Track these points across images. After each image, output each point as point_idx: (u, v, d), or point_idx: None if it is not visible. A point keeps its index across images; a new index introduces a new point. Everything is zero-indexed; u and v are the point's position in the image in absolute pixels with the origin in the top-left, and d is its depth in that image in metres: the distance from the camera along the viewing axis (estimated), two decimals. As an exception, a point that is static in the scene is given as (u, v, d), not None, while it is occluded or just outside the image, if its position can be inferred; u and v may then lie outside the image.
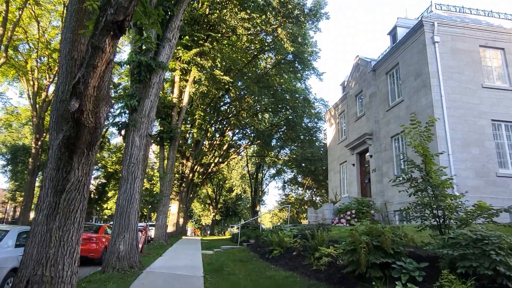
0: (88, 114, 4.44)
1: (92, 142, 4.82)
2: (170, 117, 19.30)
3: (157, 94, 10.21)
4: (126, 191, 9.24)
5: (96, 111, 4.57)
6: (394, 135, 15.60)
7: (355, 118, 19.04)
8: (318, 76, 28.82)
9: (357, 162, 18.65)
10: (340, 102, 21.97)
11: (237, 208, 68.04)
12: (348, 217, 14.40)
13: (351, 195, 18.57)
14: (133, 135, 9.57)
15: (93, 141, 4.82)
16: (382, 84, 16.94)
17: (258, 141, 37.70)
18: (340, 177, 21.30)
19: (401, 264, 6.44)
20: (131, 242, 9.03)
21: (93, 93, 4.36)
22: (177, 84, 19.90)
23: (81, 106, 4.31)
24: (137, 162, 9.46)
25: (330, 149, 23.58)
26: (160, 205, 18.13)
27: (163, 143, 19.41)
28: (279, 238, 11.44)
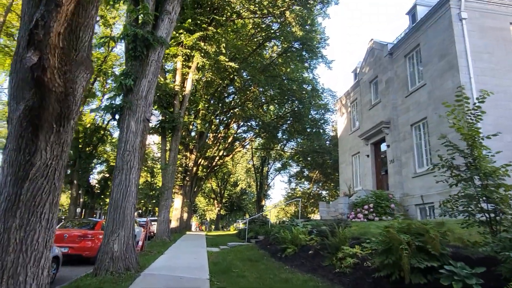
0: (53, 73, 3.27)
1: (63, 114, 3.67)
2: (172, 106, 18.16)
3: (155, 73, 9.05)
4: (121, 183, 8.13)
5: (65, 70, 3.41)
6: (414, 122, 14.36)
7: (369, 106, 17.79)
8: (327, 65, 27.49)
9: (372, 153, 17.44)
10: (352, 90, 20.71)
11: (242, 202, 67.14)
12: (365, 212, 13.24)
13: (365, 188, 17.39)
14: (128, 119, 8.44)
15: (64, 112, 3.66)
16: (400, 68, 15.66)
17: (264, 134, 36.56)
18: (352, 169, 20.10)
19: (451, 269, 5.26)
20: (127, 241, 7.93)
21: (58, 43, 3.18)
22: (179, 71, 18.73)
23: (42, 60, 3.14)
24: (133, 150, 8.33)
25: (341, 140, 22.36)
26: (162, 199, 17.06)
27: (165, 134, 18.30)
28: (292, 235, 10.32)
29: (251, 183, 62.67)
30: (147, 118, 8.81)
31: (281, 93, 30.20)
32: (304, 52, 27.93)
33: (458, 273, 5.17)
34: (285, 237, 10.51)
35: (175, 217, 25.63)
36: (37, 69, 3.18)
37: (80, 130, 34.11)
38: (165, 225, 16.76)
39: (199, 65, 18.89)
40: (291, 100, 32.78)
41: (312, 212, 49.75)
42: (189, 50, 18.16)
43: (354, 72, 22.19)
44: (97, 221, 12.98)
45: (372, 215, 13.04)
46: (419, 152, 14.15)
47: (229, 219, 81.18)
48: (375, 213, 13.11)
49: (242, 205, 68.04)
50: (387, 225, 6.27)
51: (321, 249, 9.18)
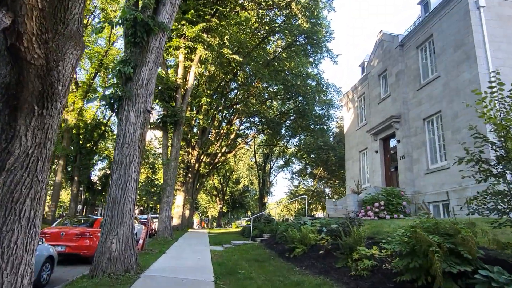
0: (31, 41, 2.70)
1: (45, 93, 3.10)
2: (174, 100, 17.58)
3: (156, 62, 8.47)
4: (120, 178, 7.58)
5: (46, 38, 2.83)
6: (427, 116, 13.74)
7: (378, 100, 17.17)
8: (333, 59, 26.82)
9: (381, 149, 16.83)
10: (360, 84, 20.08)
11: (244, 200, 66.66)
12: (376, 210, 12.65)
13: (373, 185, 16.80)
14: (127, 110, 7.87)
15: (46, 91, 3.09)
16: (411, 60, 15.03)
17: (267, 130, 35.97)
18: (360, 166, 19.51)
19: (487, 274, 4.69)
20: (126, 240, 7.38)
21: (37, 3, 2.61)
22: (181, 63, 18.13)
23: (16, 24, 2.58)
24: (132, 143, 7.77)
25: (347, 136, 21.75)
26: (163, 195, 16.52)
27: (166, 128, 17.73)
28: (301, 234, 9.76)
29: (254, 180, 62.15)
30: (148, 109, 8.24)
31: (285, 88, 29.60)
32: (309, 46, 27.29)
33: (496, 279, 4.59)
34: (294, 236, 9.95)
35: (177, 214, 25.14)
36: (11, 35, 2.61)
37: (80, 126, 33.64)
38: (167, 222, 16.23)
39: (202, 58, 18.31)
40: (294, 96, 32.19)
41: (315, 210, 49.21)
42: (192, 42, 17.55)
43: (361, 66, 21.55)
44: (96, 218, 12.45)
45: (383, 213, 12.46)
46: (432, 148, 13.55)
47: (231, 216, 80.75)
48: (386, 211, 12.54)
49: (244, 203, 67.58)
50: (412, 224, 5.68)
51: (333, 250, 8.63)
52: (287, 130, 37.06)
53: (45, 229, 10.96)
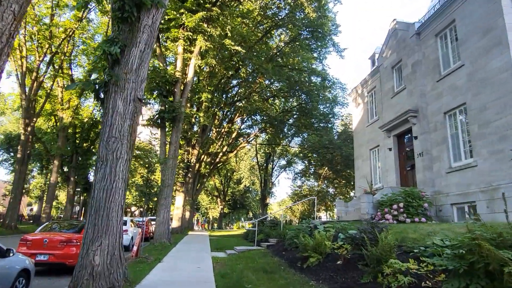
0: None
1: None
2: (173, 95, 16.41)
3: (149, 44, 7.29)
4: (105, 178, 6.40)
5: None
6: (449, 110, 12.55)
7: (392, 94, 15.98)
8: (339, 53, 25.61)
9: (395, 146, 15.64)
10: (370, 77, 18.89)
11: (245, 200, 65.52)
12: (394, 212, 11.46)
13: (387, 185, 15.62)
14: (114, 98, 6.70)
15: None
16: (430, 49, 13.84)
17: (270, 128, 34.79)
18: (370, 165, 18.31)
19: None
20: (112, 251, 6.21)
21: None
22: (180, 56, 16.96)
23: None
24: (120, 136, 6.59)
25: (356, 133, 20.56)
26: (161, 197, 15.35)
27: (164, 125, 16.56)
28: (315, 241, 8.57)
29: (255, 180, 61.00)
30: (139, 98, 7.07)
31: (288, 85, 28.40)
32: (313, 40, 26.10)
33: None
34: (306, 243, 8.77)
35: (177, 216, 23.99)
36: None
37: (77, 125, 32.52)
38: (165, 226, 15.06)
39: (202, 50, 17.13)
40: (298, 93, 31.01)
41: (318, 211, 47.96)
42: (191, 32, 16.41)
43: (371, 59, 20.36)
44: (84, 223, 11.27)
45: (403, 216, 11.27)
46: (454, 144, 12.34)
47: (232, 217, 79.55)
48: (405, 213, 11.34)
49: (246, 203, 66.46)
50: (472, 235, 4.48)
51: (354, 260, 7.46)
52: (290, 128, 35.91)
53: (27, 236, 9.79)
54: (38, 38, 24.21)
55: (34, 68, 24.30)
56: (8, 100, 36.56)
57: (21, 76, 23.98)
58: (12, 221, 22.46)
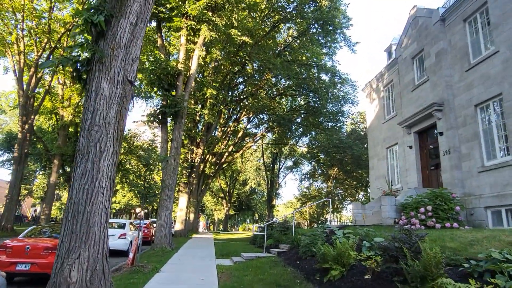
0: None
1: None
2: (175, 88, 15.28)
3: (143, 17, 6.14)
4: (85, 175, 5.25)
5: None
6: (481, 102, 11.25)
7: (412, 86, 14.70)
8: (351, 47, 24.38)
9: (416, 144, 14.35)
10: (386, 70, 17.60)
11: (251, 202, 64.33)
12: (422, 216, 10.18)
13: (407, 186, 14.33)
14: (98, 78, 5.54)
15: None
16: (457, 36, 12.54)
17: (277, 128, 33.56)
18: (387, 164, 17.01)
19: None
20: (93, 265, 5.05)
21: None
22: (183, 47, 15.82)
23: None
24: (104, 125, 5.44)
25: (371, 130, 19.26)
26: (162, 198, 14.20)
27: (166, 121, 15.42)
28: (337, 251, 7.34)
29: (261, 182, 59.82)
30: (130, 79, 5.90)
31: (296, 84, 27.18)
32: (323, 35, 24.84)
33: None
34: (326, 252, 7.53)
35: (180, 218, 22.85)
36: None
37: (78, 124, 31.50)
38: (166, 230, 13.90)
39: (207, 40, 15.98)
40: (306, 91, 29.73)
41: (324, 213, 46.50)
42: (195, 22, 15.27)
43: (387, 51, 19.07)
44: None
45: (431, 220, 9.99)
46: (488, 140, 11.04)
47: (237, 219, 78.34)
48: (435, 218, 10.06)
49: (251, 205, 65.27)
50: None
51: (385, 274, 6.22)
52: (297, 128, 34.65)
53: (8, 242, 8.67)
54: (36, 32, 23.23)
55: (32, 63, 23.33)
56: (9, 98, 35.74)
57: (19, 72, 23.04)
58: (8, 222, 21.47)
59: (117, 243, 13.80)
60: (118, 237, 14.00)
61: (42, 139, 29.33)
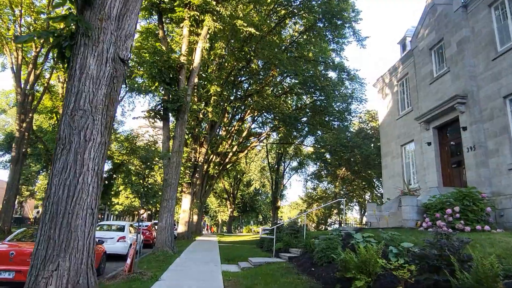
0: None
1: None
2: (177, 82, 14.42)
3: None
4: (67, 168, 4.37)
5: None
6: (510, 93, 10.28)
7: (430, 79, 13.75)
8: (360, 42, 23.40)
9: (435, 140, 13.39)
10: (401, 63, 16.64)
11: (255, 203, 63.41)
12: (449, 218, 9.22)
13: (425, 185, 13.35)
14: (84, 54, 4.67)
15: None
16: (481, 23, 11.58)
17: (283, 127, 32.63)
18: (402, 163, 16.05)
19: None
20: (75, 278, 4.17)
21: None
22: (186, 39, 14.97)
23: None
24: (90, 109, 4.57)
25: (384, 127, 18.29)
26: (163, 199, 13.33)
27: (167, 117, 14.56)
28: (361, 258, 6.41)
29: (265, 182, 58.88)
30: (122, 58, 5.03)
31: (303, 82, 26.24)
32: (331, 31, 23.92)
33: None
34: (348, 259, 6.61)
35: (183, 220, 21.97)
36: None
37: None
38: (168, 232, 13.02)
39: (211, 32, 15.13)
40: (312, 90, 28.77)
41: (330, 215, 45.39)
42: (198, 12, 14.42)
43: (401, 43, 18.10)
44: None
45: (460, 223, 9.03)
46: (520, 134, 10.07)
47: (241, 220, 77.33)
48: (463, 220, 9.10)
49: (256, 206, 64.32)
50: None
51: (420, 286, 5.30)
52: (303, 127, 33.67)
53: (-10, 246, 7.82)
54: (35, 28, 22.50)
55: (31, 60, 22.61)
56: (9, 97, 35.12)
57: (17, 69, 22.32)
58: (6, 224, 20.70)
59: (116, 246, 12.93)
60: (117, 240, 13.13)
61: (42, 139, 28.61)
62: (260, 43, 21.97)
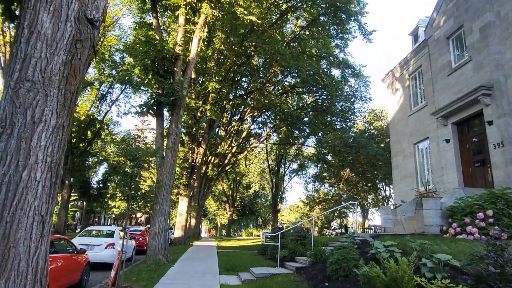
0: None
1: None
2: (172, 75, 13.25)
3: None
4: (5, 159, 3.17)
5: None
6: (546, 81, 9.13)
7: (448, 70, 12.60)
8: (366, 36, 22.25)
9: (455, 137, 12.23)
10: (413, 56, 15.51)
11: (254, 206, 62.23)
12: (481, 224, 8.03)
13: (444, 187, 12.16)
14: (35, 8, 3.49)
15: None
16: (508, 5, 10.46)
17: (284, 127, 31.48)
18: (415, 162, 14.88)
19: None
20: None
21: None
22: (181, 28, 13.81)
23: None
24: (43, 81, 3.38)
25: (394, 125, 17.14)
26: (156, 202, 12.12)
27: (161, 112, 13.37)
28: (391, 274, 5.22)
29: (265, 185, 57.73)
30: (90, 18, 3.83)
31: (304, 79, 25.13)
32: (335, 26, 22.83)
33: None
34: (373, 276, 5.42)
35: (180, 224, 20.74)
36: None
37: (72, 123, 29.54)
38: (160, 239, 11.80)
39: (209, 20, 13.98)
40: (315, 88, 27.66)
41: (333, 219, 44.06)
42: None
43: (412, 34, 16.95)
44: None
45: (494, 229, 7.84)
46: (557, 128, 8.91)
47: (240, 223, 75.94)
48: (498, 226, 7.91)
49: (255, 209, 63.12)
50: None
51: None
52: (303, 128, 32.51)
53: None
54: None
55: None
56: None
57: (5, 65, 21.14)
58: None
59: (103, 254, 11.66)
60: (104, 247, 11.86)
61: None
62: (261, 38, 20.84)
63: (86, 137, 30.76)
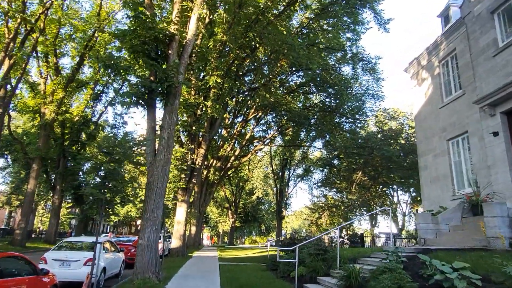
0: None
1: None
2: (166, 58, 11.28)
3: None
4: None
5: None
6: None
7: (495, 50, 10.57)
8: (382, 26, 20.28)
9: (505, 129, 10.15)
10: (444, 38, 13.49)
11: (257, 213, 59.96)
12: None
13: (491, 189, 10.02)
14: None
15: None
16: None
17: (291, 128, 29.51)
18: (450, 161, 12.78)
19: None
20: None
21: None
22: (177, 4, 11.85)
23: None
24: None
25: (420, 120, 15.06)
26: (145, 208, 10.04)
27: (153, 102, 11.32)
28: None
29: (268, 191, 55.60)
30: None
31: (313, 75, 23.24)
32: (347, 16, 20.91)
33: None
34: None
35: (178, 233, 18.62)
36: None
37: (65, 124, 27.68)
38: (151, 253, 9.70)
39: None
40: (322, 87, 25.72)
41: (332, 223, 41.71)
42: (193, -29, 11.32)
43: (442, 16, 14.91)
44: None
45: None
46: None
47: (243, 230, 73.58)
48: None
49: (258, 216, 60.83)
50: None
51: None
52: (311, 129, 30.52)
53: None
54: (8, 11, 19.52)
55: (2, 48, 19.60)
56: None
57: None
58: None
59: (82, 272, 9.54)
60: (83, 263, 9.77)
61: (20, 140, 25.49)
62: (266, 29, 18.96)
63: (79, 139, 28.78)
